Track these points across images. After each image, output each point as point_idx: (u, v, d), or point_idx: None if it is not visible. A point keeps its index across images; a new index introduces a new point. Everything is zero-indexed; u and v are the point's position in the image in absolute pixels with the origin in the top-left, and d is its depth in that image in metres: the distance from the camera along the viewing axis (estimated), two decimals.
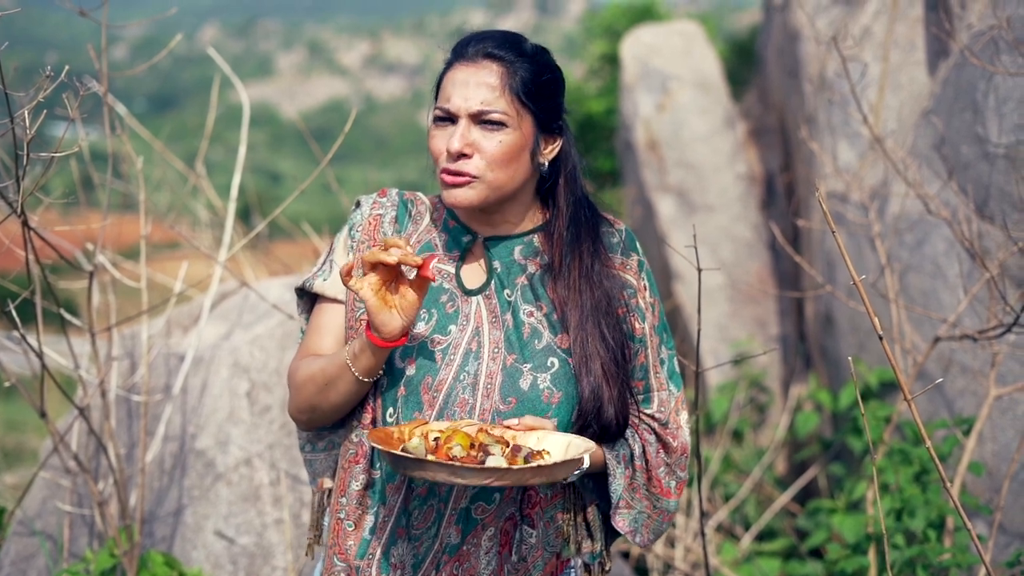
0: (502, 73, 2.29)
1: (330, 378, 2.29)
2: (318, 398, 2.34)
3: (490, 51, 2.30)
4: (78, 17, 3.64)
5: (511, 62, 2.30)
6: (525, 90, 2.30)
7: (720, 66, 7.49)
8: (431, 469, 2.05)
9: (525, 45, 2.35)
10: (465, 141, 2.27)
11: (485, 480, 2.04)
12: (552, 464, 2.08)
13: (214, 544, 3.78)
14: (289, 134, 55.53)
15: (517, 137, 2.30)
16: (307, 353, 2.42)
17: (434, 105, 2.35)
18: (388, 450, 2.07)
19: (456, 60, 2.33)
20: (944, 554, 3.50)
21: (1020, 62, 3.77)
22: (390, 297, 2.19)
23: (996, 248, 3.87)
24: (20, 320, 3.08)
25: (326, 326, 2.42)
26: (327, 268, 2.44)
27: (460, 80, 2.29)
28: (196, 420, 3.97)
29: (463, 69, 2.30)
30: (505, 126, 2.28)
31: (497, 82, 2.28)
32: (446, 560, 2.33)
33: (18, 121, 2.58)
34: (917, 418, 2.15)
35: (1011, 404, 3.91)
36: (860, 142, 5.04)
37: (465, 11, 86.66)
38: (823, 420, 5.56)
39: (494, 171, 2.29)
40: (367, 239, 2.41)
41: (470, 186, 2.29)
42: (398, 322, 2.18)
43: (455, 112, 2.28)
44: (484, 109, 2.27)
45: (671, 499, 2.46)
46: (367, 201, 2.47)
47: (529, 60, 2.32)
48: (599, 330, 2.34)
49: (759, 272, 6.71)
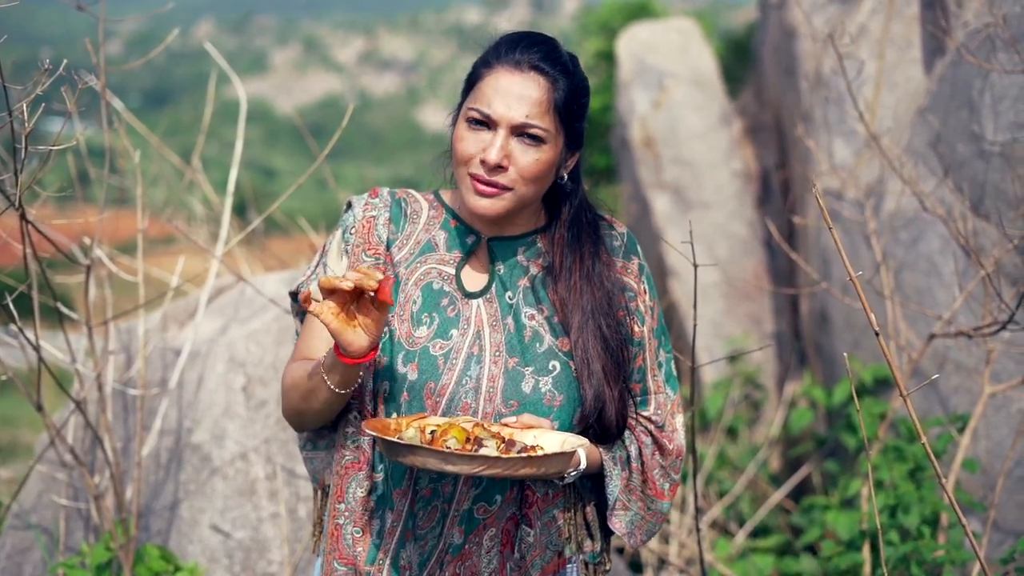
0: (548, 88, 2.25)
1: (310, 388, 2.28)
2: (302, 405, 2.34)
3: (538, 64, 2.25)
4: (73, 12, 3.64)
5: (556, 78, 2.26)
6: (566, 109, 2.28)
7: (716, 63, 7.49)
8: (422, 455, 2.05)
9: (566, 59, 2.31)
10: (504, 153, 2.24)
11: (475, 468, 2.04)
12: (542, 456, 2.09)
13: (210, 538, 3.78)
14: (284, 130, 55.49)
15: (552, 154, 2.28)
16: (300, 356, 2.41)
17: (466, 104, 2.30)
18: (381, 436, 2.08)
19: (500, 64, 2.27)
20: (938, 551, 3.51)
21: (1016, 60, 3.77)
22: (353, 317, 2.13)
23: (991, 246, 3.87)
24: (17, 314, 3.08)
25: (318, 329, 2.40)
26: (320, 271, 2.43)
27: (504, 87, 2.24)
28: (192, 414, 3.97)
29: (508, 76, 2.25)
30: (544, 142, 2.26)
31: (544, 97, 2.24)
32: (449, 560, 2.34)
33: (16, 115, 2.58)
34: (912, 415, 2.15)
35: (1005, 402, 3.92)
36: (856, 139, 5.05)
37: (460, 8, 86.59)
38: (817, 417, 5.57)
39: (526, 185, 2.28)
40: (361, 242, 2.39)
41: (500, 197, 2.28)
42: (364, 340, 2.13)
43: (496, 119, 2.24)
44: (528, 123, 2.23)
45: (664, 501, 2.47)
46: (359, 202, 2.44)
47: (571, 78, 2.29)
48: (600, 332, 2.34)
49: (754, 269, 6.72)
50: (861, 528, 3.84)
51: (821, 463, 5.38)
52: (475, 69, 2.32)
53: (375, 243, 2.39)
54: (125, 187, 4.32)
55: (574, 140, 2.35)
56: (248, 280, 4.22)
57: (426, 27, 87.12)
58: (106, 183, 3.71)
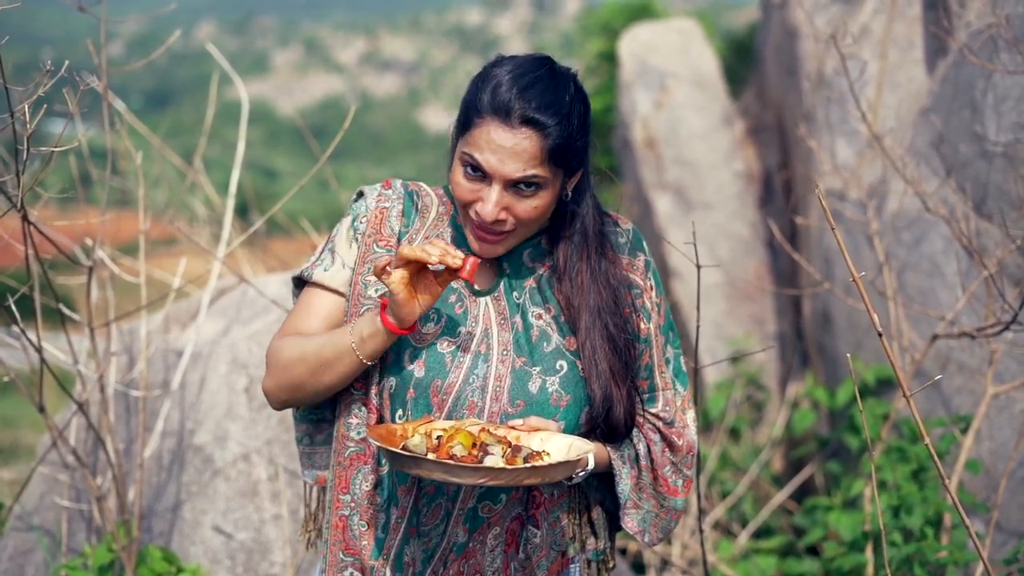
0: (541, 140, 2.20)
1: (326, 360, 2.27)
2: (309, 378, 2.30)
3: (530, 116, 2.19)
4: (74, 13, 3.63)
5: (549, 129, 2.21)
6: (562, 153, 2.24)
7: (718, 64, 7.49)
8: (427, 467, 2.05)
9: (561, 96, 2.24)
10: (499, 208, 2.23)
11: (479, 479, 2.04)
12: (548, 465, 2.08)
13: (212, 539, 3.78)
14: (285, 131, 55.53)
15: (551, 195, 2.27)
16: (292, 331, 2.38)
17: (461, 144, 2.26)
18: (387, 447, 2.08)
19: (492, 115, 2.21)
20: (941, 552, 3.51)
21: (1019, 60, 3.77)
22: (413, 290, 2.19)
23: (994, 246, 3.87)
24: (19, 315, 3.08)
25: (314, 310, 2.38)
26: (327, 257, 2.41)
27: (496, 143, 2.20)
28: (194, 416, 3.97)
29: (500, 131, 2.20)
30: (541, 188, 2.24)
31: (537, 150, 2.20)
32: (453, 558, 2.34)
33: (17, 116, 2.58)
34: (916, 415, 2.15)
35: (1008, 402, 3.92)
36: (858, 140, 5.05)
37: (461, 9, 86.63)
38: (820, 418, 5.57)
39: (527, 226, 2.29)
40: (373, 232, 2.38)
41: (501, 242, 2.29)
42: (417, 312, 2.20)
43: (490, 173, 2.21)
44: (523, 177, 2.21)
45: (678, 497, 2.46)
46: (371, 192, 2.43)
47: (564, 118, 2.23)
48: (607, 331, 2.33)
49: (756, 270, 6.72)
50: (864, 529, 3.84)
51: (824, 464, 5.38)
52: (467, 108, 2.27)
53: (387, 235, 2.38)
54: (127, 188, 4.32)
55: (575, 168, 2.32)
56: (250, 281, 4.22)
57: (427, 28, 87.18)
58: (108, 184, 3.71)
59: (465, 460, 2.09)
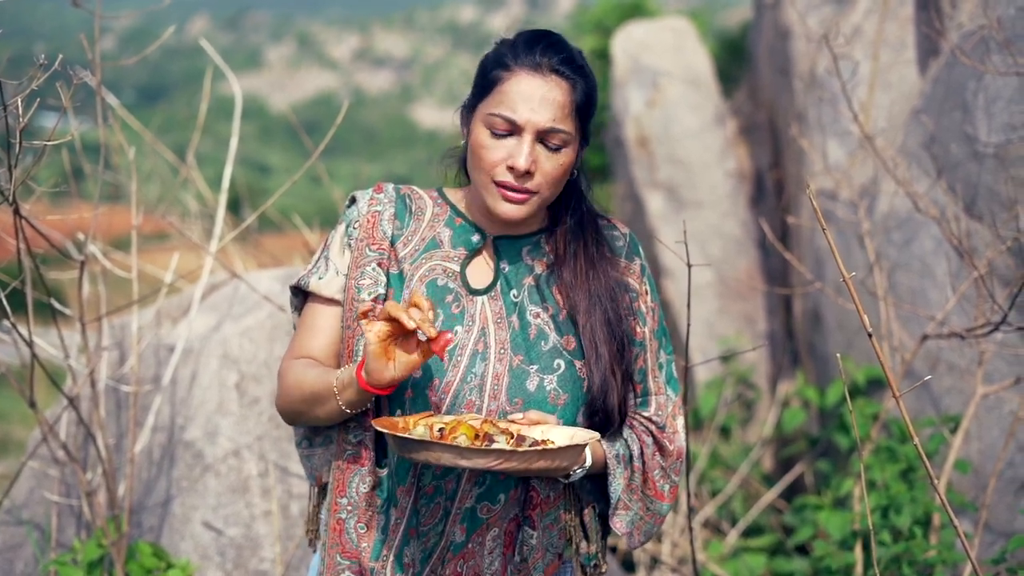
0: (569, 91, 2.25)
1: (316, 396, 2.28)
2: (303, 407, 2.34)
3: (558, 67, 2.24)
4: (68, 8, 3.63)
5: (575, 81, 2.26)
6: (585, 110, 2.28)
7: (711, 63, 7.50)
8: (436, 450, 2.04)
9: (579, 57, 2.31)
10: (532, 158, 2.23)
11: (491, 462, 2.04)
12: (557, 448, 2.08)
13: (202, 535, 3.78)
14: (278, 127, 55.37)
15: (572, 156, 2.30)
16: (299, 352, 2.40)
17: (484, 107, 2.27)
18: (394, 433, 2.07)
19: (519, 66, 2.25)
20: (930, 551, 3.52)
21: (1010, 62, 3.78)
22: (392, 349, 2.14)
23: (984, 247, 3.88)
24: (10, 309, 3.08)
25: (318, 326, 2.40)
26: (322, 266, 2.42)
27: (527, 91, 2.23)
28: (185, 411, 3.96)
29: (530, 80, 2.23)
30: (566, 145, 2.27)
31: (566, 100, 2.24)
32: (451, 557, 2.34)
33: (10, 110, 2.57)
34: (905, 415, 2.16)
35: (997, 403, 3.93)
36: (850, 140, 5.06)
37: (455, 6, 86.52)
38: (810, 417, 5.58)
39: (551, 188, 2.29)
40: (365, 237, 2.38)
41: (527, 202, 2.28)
42: (389, 374, 2.13)
43: (522, 124, 2.23)
44: (554, 128, 2.23)
45: (664, 502, 2.46)
46: (363, 197, 2.43)
47: (585, 77, 2.29)
48: (606, 315, 2.35)
49: (748, 269, 6.73)
50: (853, 528, 3.85)
51: (813, 463, 5.39)
52: (490, 70, 2.29)
53: (379, 239, 2.38)
54: (119, 183, 4.32)
55: (586, 136, 2.36)
56: (242, 277, 4.22)
57: (420, 24, 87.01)
58: (100, 179, 3.70)
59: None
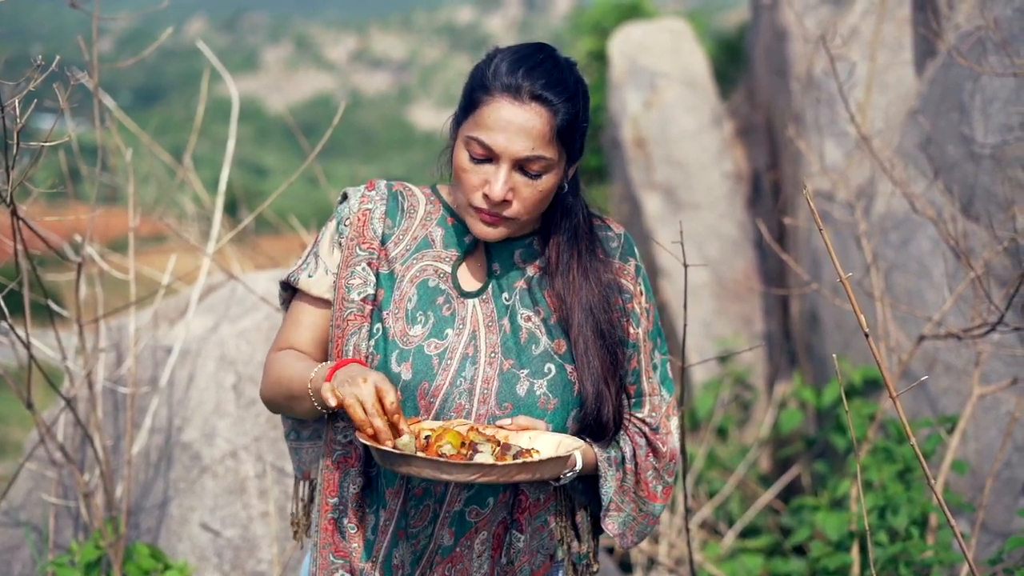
0: (550, 118, 2.21)
1: (294, 393, 2.28)
2: (284, 402, 2.35)
3: (539, 93, 2.20)
4: (65, 9, 3.63)
5: (558, 106, 2.22)
6: (568, 133, 2.25)
7: (708, 64, 7.51)
8: (417, 464, 2.04)
9: (567, 78, 2.26)
10: (507, 188, 2.22)
11: (470, 476, 2.04)
12: (538, 461, 2.08)
13: (199, 536, 3.78)
14: (275, 128, 55.34)
15: (555, 179, 2.28)
16: (284, 344, 2.40)
17: (465, 128, 2.25)
18: (376, 446, 2.07)
19: (499, 93, 2.21)
20: (927, 552, 3.52)
21: (1007, 63, 3.79)
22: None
23: (981, 247, 3.89)
24: (7, 311, 3.08)
25: (304, 323, 2.40)
26: (312, 263, 2.41)
27: (505, 119, 2.19)
28: (182, 412, 3.96)
29: (509, 107, 2.20)
30: (547, 171, 2.24)
31: (546, 128, 2.20)
32: (439, 560, 2.33)
33: (7, 111, 2.57)
34: (902, 416, 2.16)
35: (994, 403, 3.94)
36: (847, 141, 5.06)
37: (452, 7, 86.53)
38: (807, 418, 5.58)
39: (530, 212, 2.28)
40: (356, 235, 2.38)
41: (504, 225, 2.28)
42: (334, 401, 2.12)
43: (498, 153, 2.20)
44: (532, 156, 2.20)
45: (657, 503, 2.45)
46: (355, 194, 2.42)
47: (571, 99, 2.24)
48: (599, 327, 2.33)
49: (745, 270, 6.73)
50: (850, 529, 3.85)
51: (810, 464, 5.39)
52: (473, 90, 2.27)
53: (370, 237, 2.37)
54: (116, 185, 4.32)
55: (575, 155, 2.33)
56: (239, 278, 4.22)
57: (418, 26, 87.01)
58: (97, 181, 3.70)
59: (454, 459, 2.08)
